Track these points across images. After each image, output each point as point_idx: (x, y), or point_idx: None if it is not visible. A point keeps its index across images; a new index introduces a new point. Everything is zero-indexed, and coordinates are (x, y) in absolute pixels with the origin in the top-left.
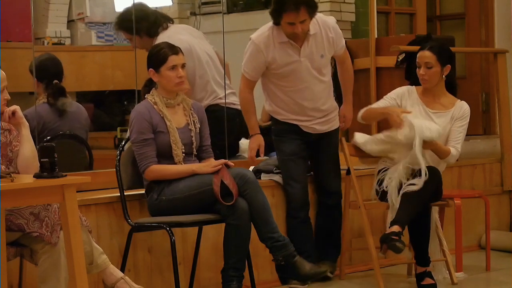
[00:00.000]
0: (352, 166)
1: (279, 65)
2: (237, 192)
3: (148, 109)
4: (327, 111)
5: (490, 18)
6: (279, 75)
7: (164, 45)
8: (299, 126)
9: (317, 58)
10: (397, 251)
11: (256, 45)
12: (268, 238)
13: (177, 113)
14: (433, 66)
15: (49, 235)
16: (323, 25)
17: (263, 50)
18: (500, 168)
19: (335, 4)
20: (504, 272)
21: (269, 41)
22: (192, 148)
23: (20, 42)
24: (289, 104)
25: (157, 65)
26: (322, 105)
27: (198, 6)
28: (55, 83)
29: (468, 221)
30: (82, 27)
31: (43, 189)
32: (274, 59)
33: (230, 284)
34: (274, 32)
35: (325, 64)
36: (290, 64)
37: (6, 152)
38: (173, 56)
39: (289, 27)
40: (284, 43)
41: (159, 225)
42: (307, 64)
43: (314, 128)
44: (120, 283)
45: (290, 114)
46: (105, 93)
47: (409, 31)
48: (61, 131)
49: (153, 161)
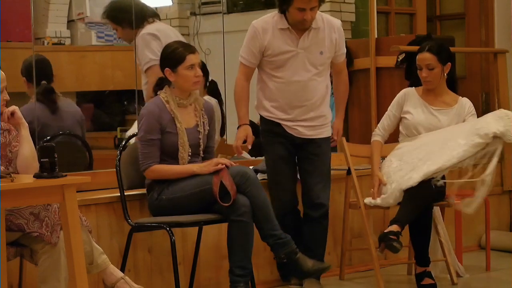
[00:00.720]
0: (352, 166)
1: (274, 52)
2: (235, 193)
3: (159, 107)
4: (317, 113)
5: (490, 18)
6: (274, 63)
7: (179, 44)
8: (283, 126)
9: (316, 53)
10: (394, 251)
11: (254, 28)
12: (270, 236)
13: (188, 113)
14: (435, 67)
15: (49, 235)
16: (328, 24)
17: (261, 33)
18: (500, 168)
19: (335, 4)
20: (504, 272)
21: (268, 26)
22: (199, 150)
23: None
24: (278, 98)
25: (174, 65)
26: (312, 106)
27: (198, 6)
28: (42, 83)
29: (468, 221)
30: (82, 27)
31: (43, 189)
32: (270, 45)
33: (237, 286)
34: (275, 18)
35: (323, 63)
36: (286, 53)
37: (5, 152)
38: (191, 55)
39: (298, 13)
40: (283, 30)
41: (159, 225)
42: (303, 57)
43: (297, 130)
44: (120, 283)
45: (275, 110)
46: (105, 93)
47: (409, 31)
48: (56, 127)
49: (155, 161)
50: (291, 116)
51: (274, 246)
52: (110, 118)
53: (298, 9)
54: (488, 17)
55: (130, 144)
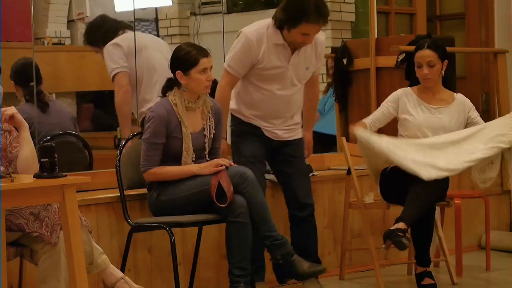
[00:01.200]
0: (352, 166)
1: (266, 66)
2: (232, 195)
3: (167, 111)
4: (293, 121)
5: (490, 18)
6: (263, 76)
7: (192, 48)
8: (262, 130)
9: (302, 69)
10: (401, 248)
11: (249, 40)
12: (266, 237)
13: (195, 116)
14: (436, 64)
15: (49, 235)
16: (316, 38)
17: (255, 46)
18: (500, 168)
19: (335, 4)
20: (504, 272)
21: (263, 39)
22: (204, 153)
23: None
24: (261, 109)
25: (187, 68)
26: (291, 116)
27: (198, 6)
28: (31, 85)
29: (468, 221)
30: (82, 27)
31: (43, 189)
32: (264, 59)
33: (236, 286)
34: (269, 31)
35: (306, 77)
36: (277, 68)
37: (6, 153)
38: (204, 59)
39: (301, 36)
40: (278, 45)
41: (159, 225)
42: (292, 73)
43: (276, 133)
44: (120, 283)
45: (257, 118)
46: (105, 93)
47: (409, 31)
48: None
49: (156, 165)
50: (270, 125)
51: (271, 247)
52: (110, 118)
53: (303, 33)
54: (488, 17)
55: (130, 144)
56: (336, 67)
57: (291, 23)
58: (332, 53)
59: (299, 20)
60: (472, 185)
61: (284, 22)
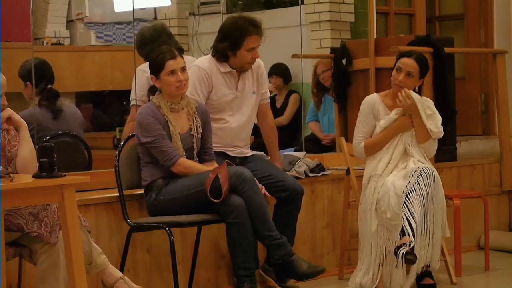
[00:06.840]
0: (352, 166)
1: (217, 95)
2: (227, 190)
3: (153, 111)
4: (248, 151)
5: (490, 19)
6: (215, 107)
7: (164, 50)
8: (226, 152)
9: (249, 94)
10: (411, 263)
11: (203, 71)
12: (265, 237)
13: (181, 117)
14: (414, 76)
15: (48, 235)
16: (254, 64)
17: (209, 76)
18: (499, 169)
19: (334, 4)
20: (503, 272)
21: (213, 68)
22: (193, 153)
23: (20, 42)
24: (218, 139)
25: (157, 72)
26: (247, 137)
27: (197, 6)
28: (49, 88)
29: (467, 221)
30: (81, 27)
31: (42, 189)
32: (215, 89)
33: (242, 286)
34: (215, 63)
35: (255, 102)
36: (227, 96)
37: (4, 152)
38: (171, 61)
39: (248, 54)
40: (225, 73)
41: (158, 225)
42: (241, 100)
43: (240, 151)
44: (119, 283)
45: (217, 145)
46: (104, 93)
47: (408, 31)
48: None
49: (178, 154)
50: (234, 148)
51: (270, 247)
52: (109, 118)
53: (248, 50)
54: (487, 18)
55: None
56: (336, 67)
57: (235, 45)
58: (331, 53)
59: (242, 38)
60: (472, 185)
61: (228, 49)
